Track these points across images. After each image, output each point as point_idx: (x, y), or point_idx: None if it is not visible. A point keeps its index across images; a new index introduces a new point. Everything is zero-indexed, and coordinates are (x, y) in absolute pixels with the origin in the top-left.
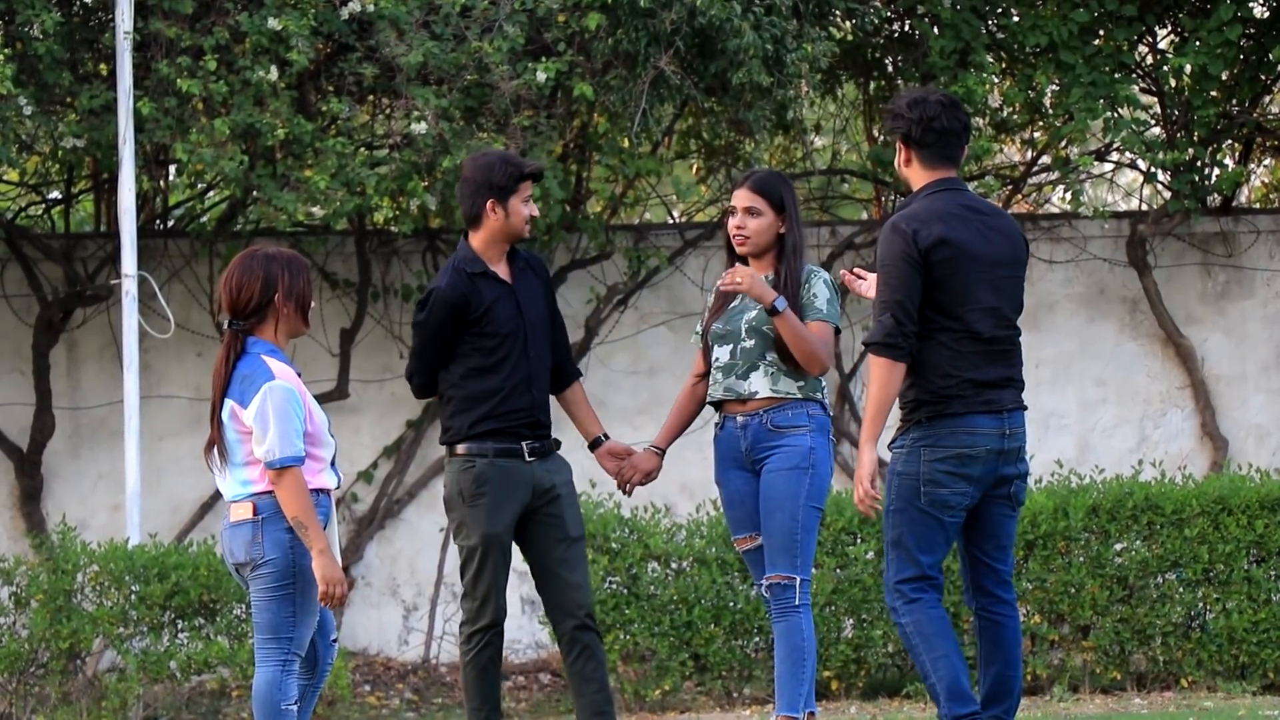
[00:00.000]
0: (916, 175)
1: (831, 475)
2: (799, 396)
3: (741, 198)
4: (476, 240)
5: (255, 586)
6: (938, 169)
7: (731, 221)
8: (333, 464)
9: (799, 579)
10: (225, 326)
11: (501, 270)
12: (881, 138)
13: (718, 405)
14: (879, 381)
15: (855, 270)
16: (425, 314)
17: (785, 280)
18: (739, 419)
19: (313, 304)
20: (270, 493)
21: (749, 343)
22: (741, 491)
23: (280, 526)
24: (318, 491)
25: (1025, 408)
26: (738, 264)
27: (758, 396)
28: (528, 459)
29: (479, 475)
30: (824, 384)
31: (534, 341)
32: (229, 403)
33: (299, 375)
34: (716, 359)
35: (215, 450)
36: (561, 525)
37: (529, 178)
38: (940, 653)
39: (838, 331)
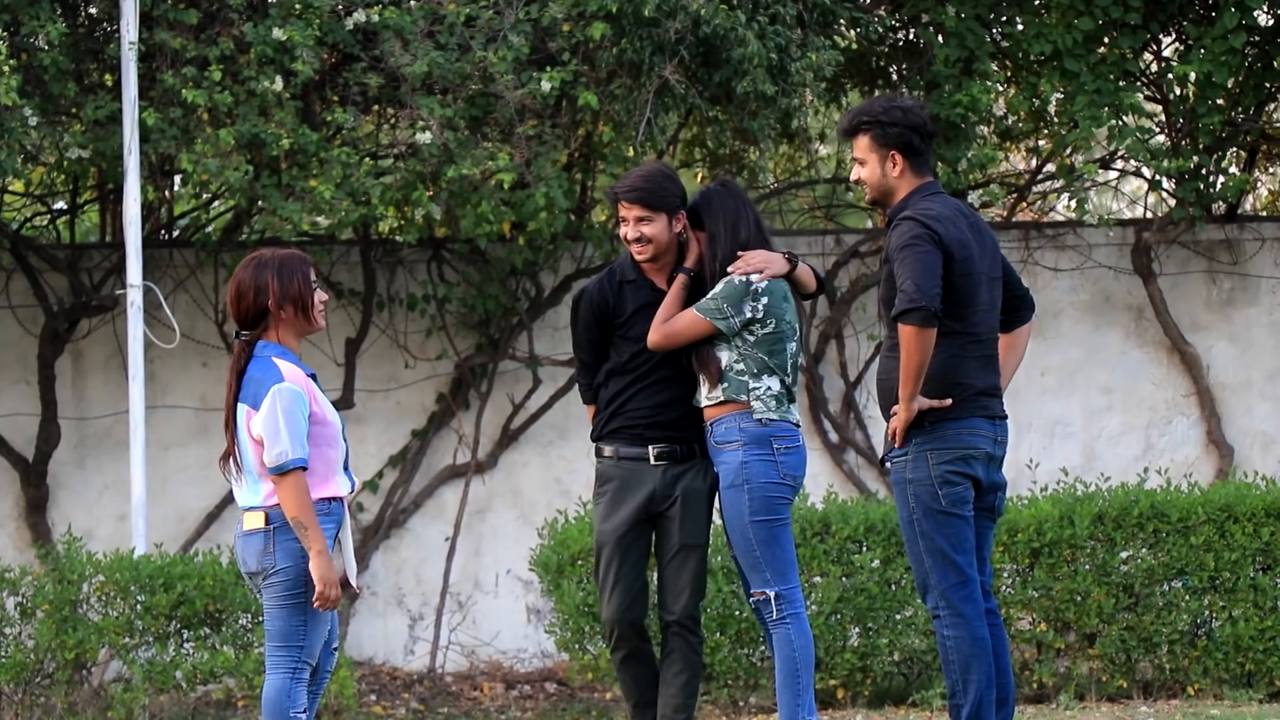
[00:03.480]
0: (904, 184)
1: (785, 482)
2: (722, 400)
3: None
4: None
5: (267, 595)
6: (924, 175)
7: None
8: (345, 468)
9: (773, 592)
10: (235, 337)
11: (661, 278)
12: None
13: None
14: (907, 350)
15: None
16: (574, 313)
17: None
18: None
19: (321, 299)
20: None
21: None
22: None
23: (292, 535)
24: (330, 499)
25: (1008, 417)
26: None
27: (703, 405)
28: (654, 462)
29: (602, 473)
30: (756, 388)
31: (686, 347)
32: (242, 407)
33: (314, 376)
34: None
35: (231, 460)
36: (674, 531)
37: (618, 200)
38: (973, 677)
39: (723, 335)
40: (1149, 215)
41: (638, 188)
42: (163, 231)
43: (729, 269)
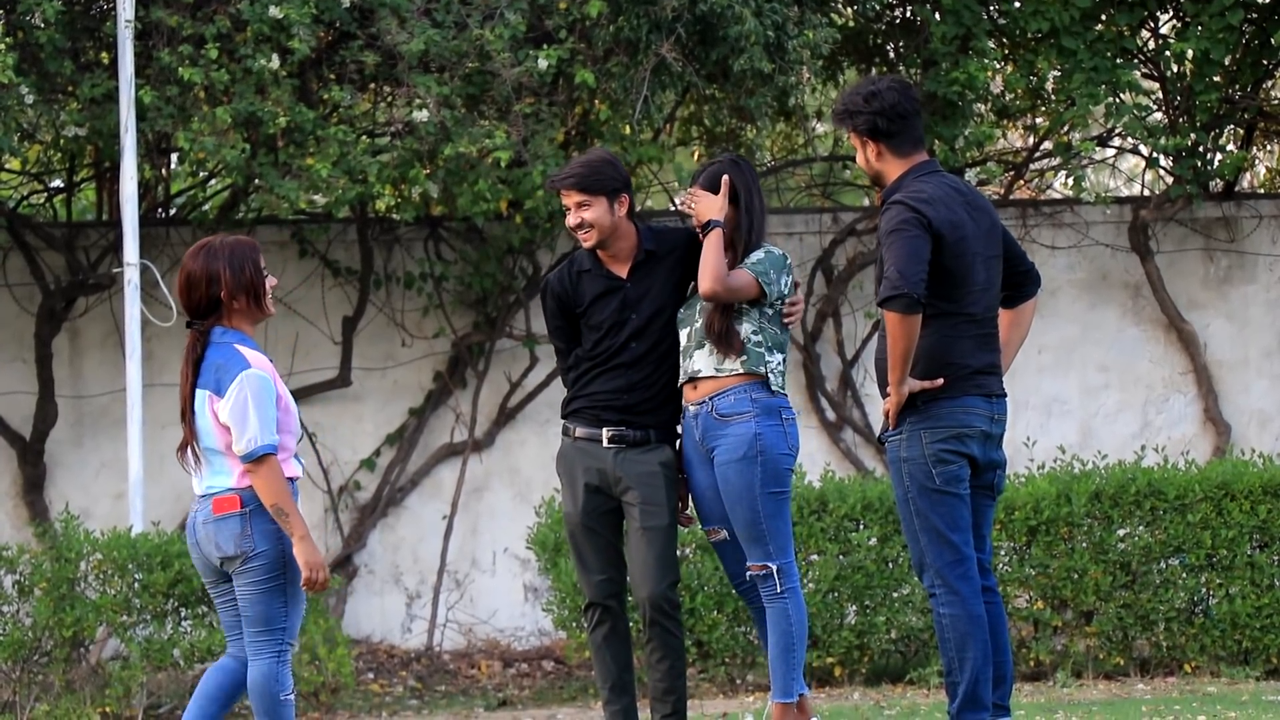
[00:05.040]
0: (892, 166)
1: (792, 455)
2: (740, 372)
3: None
4: None
5: (245, 580)
6: (912, 154)
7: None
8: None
9: (775, 566)
10: (186, 326)
11: (620, 267)
12: None
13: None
14: (892, 335)
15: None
16: (542, 304)
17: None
18: (691, 409)
19: (271, 284)
20: (252, 486)
21: (699, 323)
22: (703, 484)
23: (267, 517)
24: (287, 479)
25: (1007, 395)
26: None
27: (701, 375)
28: (606, 444)
29: (559, 453)
30: (772, 363)
31: (646, 334)
32: (203, 393)
33: (272, 362)
34: (681, 343)
35: (189, 450)
36: (634, 515)
37: (557, 189)
38: (969, 654)
39: (763, 296)
40: (1146, 193)
41: (573, 174)
42: (159, 210)
43: (786, 315)
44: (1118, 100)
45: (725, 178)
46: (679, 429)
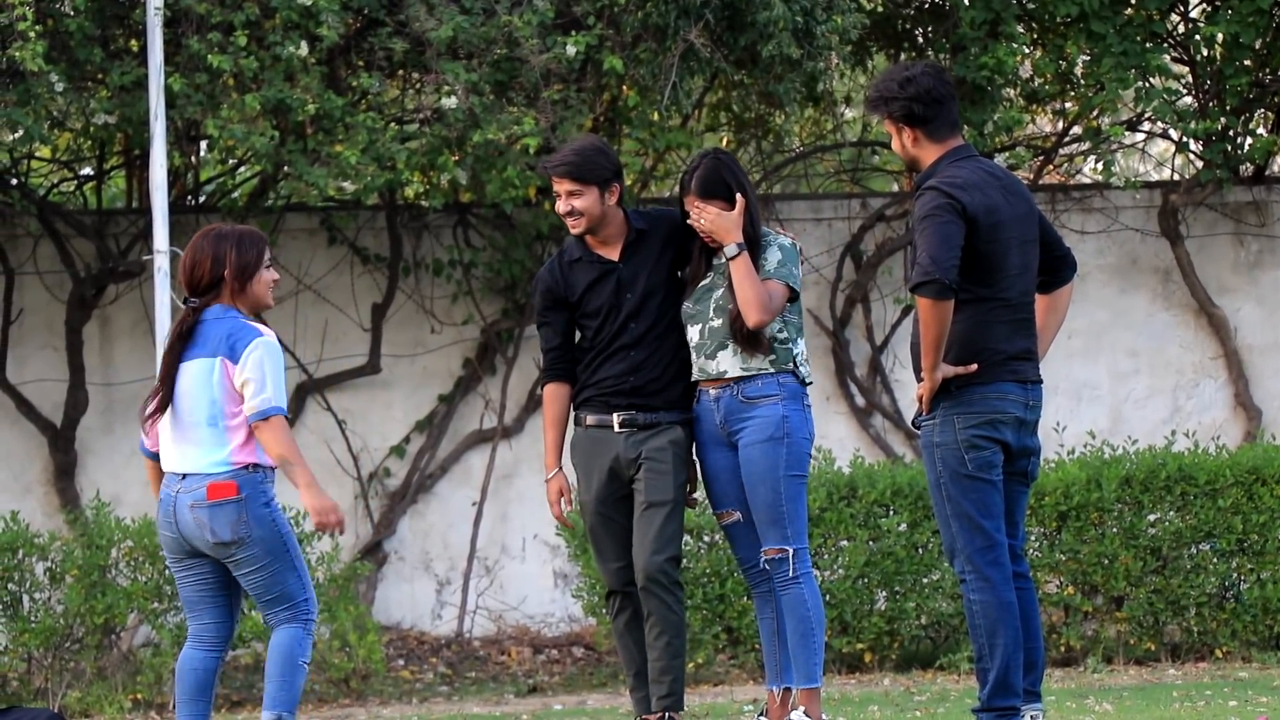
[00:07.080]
0: (928, 151)
1: (811, 441)
2: (770, 371)
3: (558, 186)
4: None
5: (248, 566)
6: (948, 139)
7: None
8: None
9: (792, 549)
10: (183, 303)
11: (610, 250)
12: None
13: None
14: (924, 321)
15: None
16: (534, 303)
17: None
18: (711, 392)
19: (272, 279)
20: (247, 467)
21: (716, 322)
22: (718, 466)
23: (258, 502)
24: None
25: (1043, 381)
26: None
27: (726, 376)
28: (618, 429)
29: (572, 442)
30: (799, 353)
31: (643, 314)
32: (210, 360)
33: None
34: (690, 338)
35: (162, 409)
36: (641, 491)
37: (552, 177)
38: (1000, 640)
39: (794, 297)
40: (1176, 177)
41: (566, 162)
42: (189, 197)
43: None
44: (1147, 84)
45: (740, 199)
46: (692, 410)
